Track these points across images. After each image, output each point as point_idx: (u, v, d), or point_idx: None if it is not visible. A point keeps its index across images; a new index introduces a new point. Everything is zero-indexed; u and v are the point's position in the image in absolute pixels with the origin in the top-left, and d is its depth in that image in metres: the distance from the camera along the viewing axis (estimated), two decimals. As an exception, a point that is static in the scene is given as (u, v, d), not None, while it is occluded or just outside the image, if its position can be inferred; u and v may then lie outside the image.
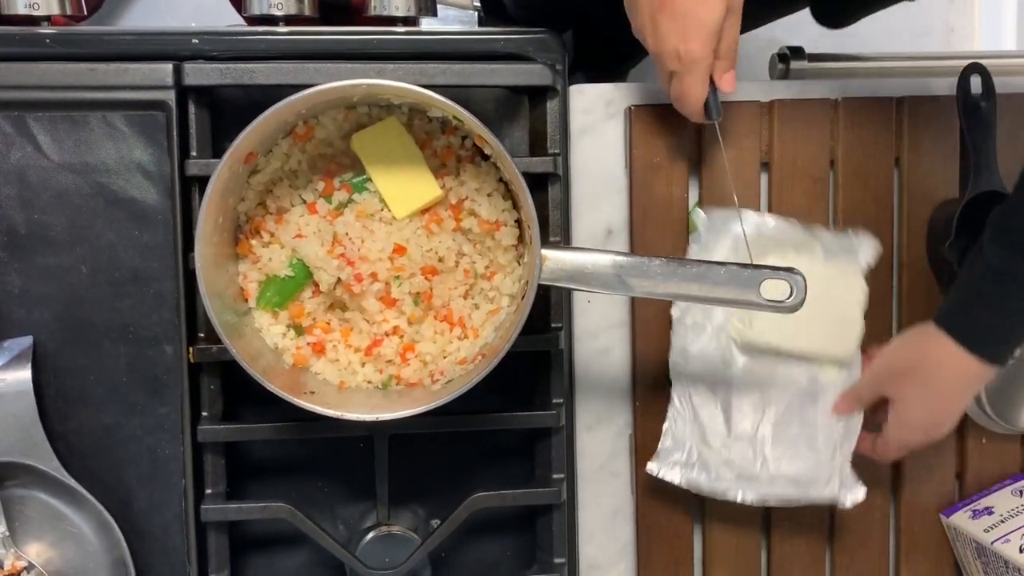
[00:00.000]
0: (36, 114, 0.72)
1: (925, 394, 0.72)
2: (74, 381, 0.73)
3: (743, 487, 0.76)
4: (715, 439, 0.77)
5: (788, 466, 0.77)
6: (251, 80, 0.71)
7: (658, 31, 0.67)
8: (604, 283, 0.65)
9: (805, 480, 0.77)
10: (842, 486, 0.77)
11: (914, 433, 0.74)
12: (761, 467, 0.77)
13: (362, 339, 0.70)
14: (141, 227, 0.73)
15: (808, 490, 0.77)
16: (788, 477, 0.77)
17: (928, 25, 1.50)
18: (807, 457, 0.77)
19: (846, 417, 0.78)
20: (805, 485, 0.77)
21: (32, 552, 0.73)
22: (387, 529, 0.76)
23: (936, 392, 0.72)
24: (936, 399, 0.73)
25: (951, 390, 0.72)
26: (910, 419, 0.74)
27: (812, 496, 0.77)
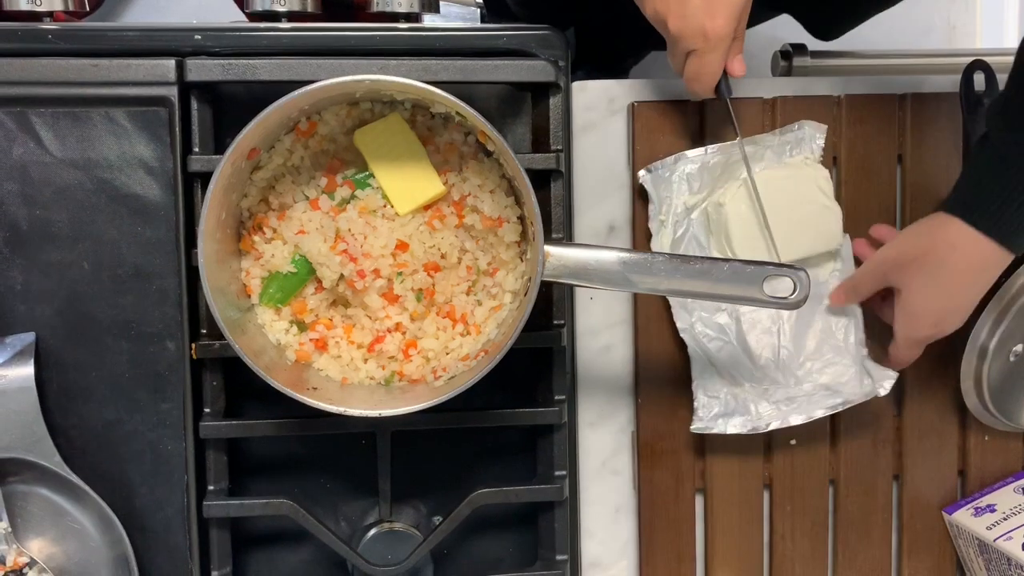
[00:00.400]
0: (38, 110, 0.72)
1: (935, 282, 0.69)
2: (76, 377, 0.73)
3: (790, 412, 0.76)
4: (743, 378, 0.77)
5: (820, 376, 0.77)
6: (254, 76, 0.71)
7: (685, 9, 0.67)
8: (607, 279, 0.65)
9: (840, 384, 0.77)
10: (874, 378, 0.77)
11: (922, 326, 0.71)
12: (796, 386, 0.77)
13: (365, 335, 0.70)
14: (143, 223, 0.73)
15: (846, 392, 0.77)
16: (824, 386, 0.77)
17: (930, 23, 1.50)
18: (834, 360, 0.77)
19: (848, 309, 0.77)
20: (841, 389, 0.77)
21: (34, 548, 0.73)
22: (389, 526, 0.76)
23: (948, 279, 0.69)
24: (947, 286, 0.69)
25: (963, 277, 0.69)
26: (918, 310, 0.71)
27: (851, 397, 0.77)
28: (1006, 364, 0.79)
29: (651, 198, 0.77)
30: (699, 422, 0.77)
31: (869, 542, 0.83)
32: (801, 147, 0.78)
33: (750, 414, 0.77)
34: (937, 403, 0.83)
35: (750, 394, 0.77)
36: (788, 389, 0.77)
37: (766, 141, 0.78)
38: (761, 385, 0.77)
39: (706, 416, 0.77)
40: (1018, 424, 0.82)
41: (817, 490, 0.83)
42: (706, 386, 0.77)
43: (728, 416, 0.77)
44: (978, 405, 0.81)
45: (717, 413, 0.77)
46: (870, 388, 0.77)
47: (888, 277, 0.73)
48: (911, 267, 0.71)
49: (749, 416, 0.77)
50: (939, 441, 0.84)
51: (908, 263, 0.71)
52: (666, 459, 0.80)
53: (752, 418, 0.77)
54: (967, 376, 0.79)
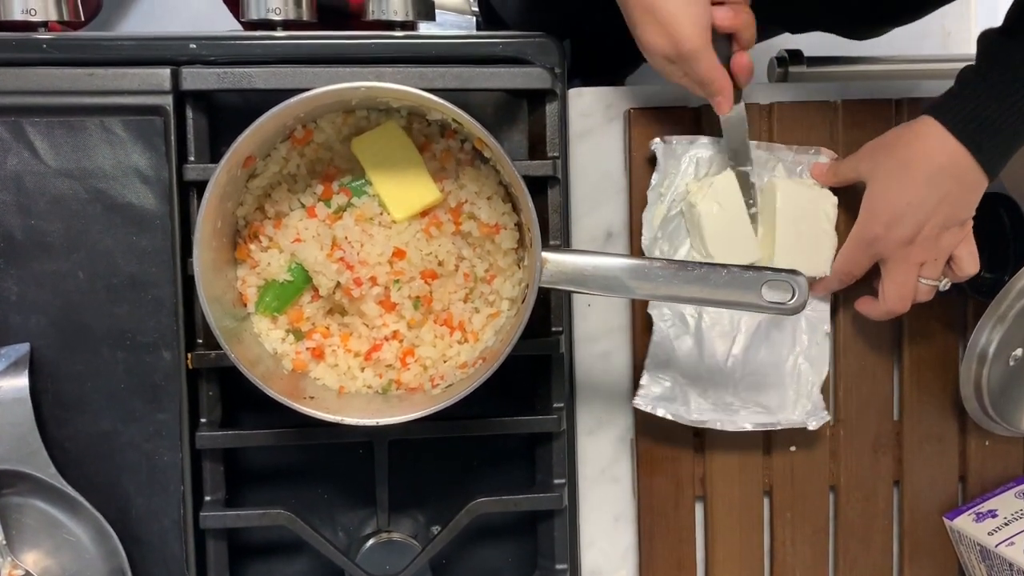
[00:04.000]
0: (33, 119, 0.72)
1: (897, 171, 0.68)
2: (71, 388, 0.73)
3: (721, 417, 0.77)
4: (691, 370, 0.77)
5: (757, 393, 0.78)
6: (249, 84, 0.71)
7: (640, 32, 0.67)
8: (605, 286, 0.65)
9: (775, 405, 0.78)
10: (811, 412, 0.78)
11: (876, 223, 0.69)
12: (734, 395, 0.78)
13: (362, 344, 0.70)
14: (139, 232, 0.73)
15: (778, 415, 0.77)
16: (759, 403, 0.78)
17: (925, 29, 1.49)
18: (775, 382, 0.78)
19: (817, 343, 0.78)
20: (775, 410, 0.77)
21: (29, 560, 0.73)
22: (387, 536, 0.76)
23: (908, 169, 0.68)
24: (906, 177, 0.68)
25: (923, 169, 0.67)
26: (876, 202, 0.69)
27: (782, 421, 0.77)
28: (1006, 369, 0.79)
29: (658, 166, 0.77)
30: (639, 399, 0.77)
31: (870, 549, 0.83)
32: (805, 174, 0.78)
33: (687, 405, 0.77)
34: (937, 408, 0.83)
35: (692, 387, 0.78)
36: (726, 394, 0.78)
37: (780, 153, 0.78)
38: (703, 382, 0.78)
39: (647, 395, 0.77)
40: (1018, 429, 0.82)
41: (817, 496, 0.82)
42: (656, 369, 0.77)
43: (667, 401, 0.77)
44: (978, 410, 0.81)
45: (657, 396, 0.77)
46: (800, 420, 0.78)
47: (860, 166, 0.71)
48: (879, 153, 0.70)
49: (685, 407, 0.77)
50: (939, 447, 0.83)
51: (878, 148, 0.71)
52: (666, 466, 0.80)
53: (685, 409, 0.77)
54: (967, 381, 0.79)
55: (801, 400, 0.78)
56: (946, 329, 0.83)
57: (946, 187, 0.68)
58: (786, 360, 0.78)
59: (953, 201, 0.68)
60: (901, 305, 0.73)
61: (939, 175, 0.67)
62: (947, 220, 0.70)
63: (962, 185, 0.68)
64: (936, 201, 0.68)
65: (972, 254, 0.73)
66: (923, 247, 0.70)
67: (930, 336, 0.82)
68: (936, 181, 0.67)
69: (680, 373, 0.77)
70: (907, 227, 0.69)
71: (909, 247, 0.70)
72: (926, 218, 0.68)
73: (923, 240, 0.70)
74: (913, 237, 0.69)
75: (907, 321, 0.82)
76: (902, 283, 0.72)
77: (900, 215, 0.69)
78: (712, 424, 0.77)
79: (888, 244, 0.70)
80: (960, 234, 0.71)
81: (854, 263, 0.74)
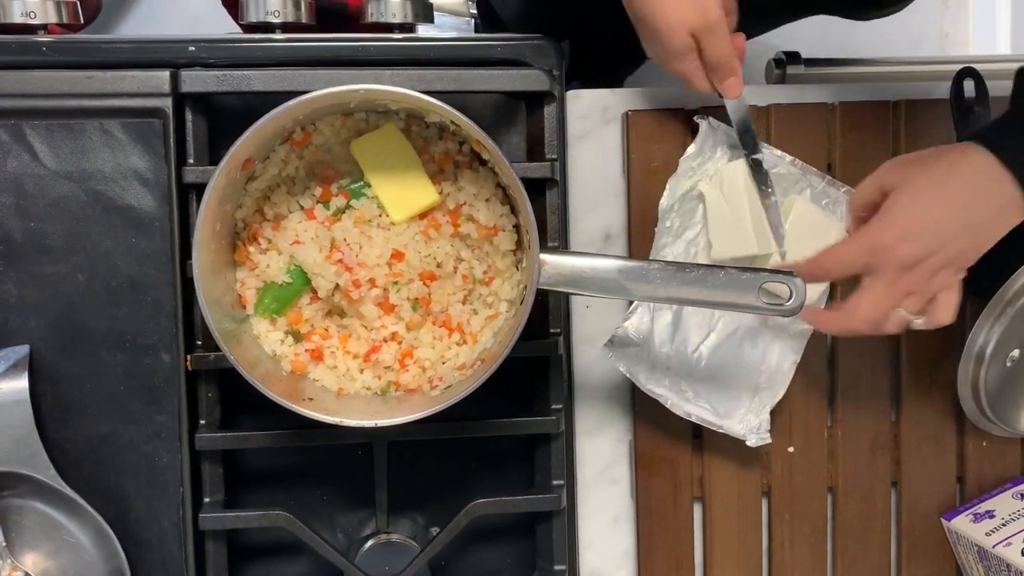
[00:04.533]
0: (33, 122, 0.72)
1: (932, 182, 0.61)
2: (71, 390, 0.73)
3: (673, 397, 0.77)
4: (661, 344, 0.77)
5: (711, 391, 0.78)
6: (248, 87, 0.71)
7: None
8: (603, 287, 0.65)
9: (723, 410, 0.78)
10: (753, 429, 0.77)
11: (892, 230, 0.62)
12: (688, 384, 0.78)
13: (360, 345, 0.70)
14: (138, 235, 0.73)
15: (724, 420, 0.77)
16: (710, 401, 0.78)
17: (923, 31, 1.51)
18: (729, 390, 0.78)
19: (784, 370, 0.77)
20: (722, 415, 0.78)
21: (29, 562, 0.73)
22: (386, 537, 0.76)
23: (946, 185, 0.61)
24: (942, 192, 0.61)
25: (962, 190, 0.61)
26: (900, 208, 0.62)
27: (726, 427, 0.77)
28: (1003, 369, 0.79)
29: (697, 140, 0.76)
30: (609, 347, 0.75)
31: (868, 549, 0.83)
32: (837, 209, 0.78)
33: (647, 373, 0.76)
34: (935, 409, 0.83)
35: (658, 359, 0.77)
36: (682, 380, 0.77)
37: (812, 179, 0.78)
38: (667, 360, 0.77)
39: (618, 346, 0.75)
40: (1016, 429, 0.82)
41: (816, 497, 0.82)
42: (635, 327, 0.76)
43: (631, 360, 0.76)
44: (975, 411, 0.81)
45: (625, 351, 0.76)
46: (741, 432, 0.77)
47: (885, 178, 0.65)
48: (912, 166, 0.64)
49: (645, 374, 0.76)
50: (937, 448, 0.84)
51: (910, 162, 0.65)
52: (664, 467, 0.80)
53: (644, 376, 0.76)
54: (964, 382, 0.79)
55: (749, 416, 0.78)
56: (943, 330, 0.82)
57: (979, 215, 0.62)
58: (749, 374, 0.78)
59: (977, 233, 0.63)
60: (868, 327, 0.66)
61: (977, 201, 0.62)
62: (957, 256, 0.64)
63: (995, 220, 0.63)
64: (962, 227, 0.62)
65: (953, 304, 0.67)
66: (918, 277, 0.64)
67: (928, 337, 0.82)
68: (972, 207, 0.62)
69: (652, 342, 0.77)
70: (920, 246, 0.63)
71: (906, 271, 0.64)
72: (943, 244, 0.63)
73: (922, 270, 0.64)
74: (919, 261, 0.63)
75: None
76: (880, 305, 0.65)
77: (920, 230, 0.63)
78: (660, 399, 0.76)
79: (889, 259, 0.63)
80: (953, 279, 0.66)
81: (840, 264, 0.67)
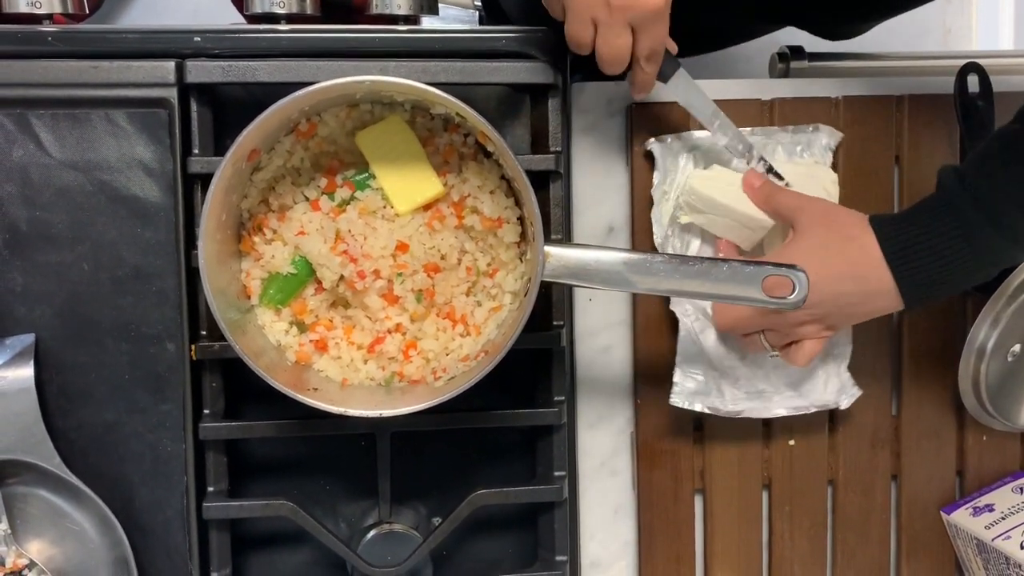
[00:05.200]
0: (38, 112, 0.72)
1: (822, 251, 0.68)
2: (76, 378, 0.73)
3: (756, 405, 0.78)
4: (720, 362, 0.78)
5: (788, 376, 0.79)
6: (253, 78, 0.71)
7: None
8: (606, 280, 0.65)
9: (806, 388, 0.79)
10: (842, 390, 0.79)
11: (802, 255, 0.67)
12: (765, 382, 0.79)
13: (365, 336, 0.70)
14: (143, 224, 0.73)
15: (810, 397, 0.78)
16: (791, 387, 0.79)
17: (926, 25, 1.50)
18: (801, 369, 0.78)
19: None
20: (807, 393, 0.79)
21: (34, 550, 0.73)
22: (389, 527, 0.76)
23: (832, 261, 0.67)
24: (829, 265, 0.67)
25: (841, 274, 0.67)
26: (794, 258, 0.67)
27: (815, 402, 0.78)
28: (1004, 364, 0.79)
29: (657, 166, 0.77)
30: (676, 397, 0.78)
31: (868, 542, 0.84)
32: (812, 149, 0.78)
33: (721, 396, 0.78)
34: (935, 404, 0.84)
35: (725, 379, 0.78)
36: (757, 382, 0.79)
37: (777, 136, 0.78)
38: (735, 372, 0.78)
39: (682, 392, 0.78)
40: (1016, 424, 0.82)
41: (816, 490, 0.83)
42: (687, 365, 0.78)
43: (702, 395, 0.78)
44: (976, 405, 0.81)
45: (692, 391, 0.78)
46: (832, 399, 0.79)
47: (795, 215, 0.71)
48: (817, 219, 0.69)
49: (720, 399, 0.78)
50: (937, 441, 0.84)
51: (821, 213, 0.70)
52: (665, 459, 0.81)
53: (721, 401, 0.78)
54: (965, 377, 0.79)
55: (831, 380, 0.79)
56: (945, 325, 0.83)
57: (850, 294, 0.68)
58: None
59: (846, 311, 0.69)
60: (720, 326, 0.75)
61: (855, 281, 0.68)
62: (827, 317, 0.69)
63: (866, 301, 0.68)
64: (832, 299, 0.68)
65: (811, 355, 0.72)
66: (788, 321, 0.70)
67: (929, 332, 0.83)
68: (849, 285, 0.68)
69: (710, 366, 0.78)
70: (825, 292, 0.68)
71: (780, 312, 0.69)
72: (824, 306, 0.68)
73: (794, 317, 0.69)
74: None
75: (906, 316, 0.82)
76: (742, 323, 0.72)
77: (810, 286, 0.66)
78: (748, 413, 0.78)
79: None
80: (818, 335, 0.71)
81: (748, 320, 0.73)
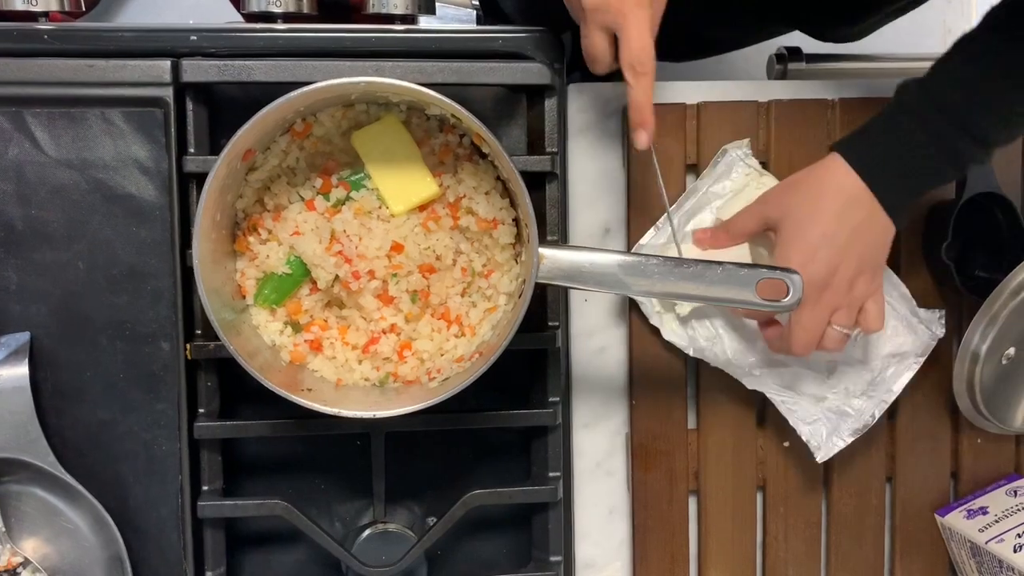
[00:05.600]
0: (34, 110, 0.72)
1: (809, 203, 0.68)
2: (71, 377, 0.73)
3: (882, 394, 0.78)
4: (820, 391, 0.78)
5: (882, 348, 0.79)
6: (249, 77, 0.71)
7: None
8: (601, 282, 0.65)
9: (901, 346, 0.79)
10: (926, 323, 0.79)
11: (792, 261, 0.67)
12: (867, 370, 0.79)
13: (359, 336, 0.70)
14: (138, 223, 0.73)
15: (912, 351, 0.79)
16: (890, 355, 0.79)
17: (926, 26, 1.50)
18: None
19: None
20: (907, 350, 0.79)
21: (28, 548, 0.73)
22: (383, 527, 0.76)
23: (819, 200, 0.67)
24: (818, 208, 0.67)
25: (833, 201, 0.67)
26: (791, 236, 0.67)
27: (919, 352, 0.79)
28: (998, 367, 0.79)
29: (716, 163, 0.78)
30: (818, 452, 0.78)
31: (862, 544, 0.84)
32: (736, 167, 0.78)
33: (852, 415, 0.78)
34: (930, 406, 0.84)
35: (839, 399, 0.78)
36: (862, 375, 0.78)
37: (701, 186, 0.78)
38: (840, 386, 0.78)
39: (820, 443, 0.78)
40: (1010, 427, 0.82)
41: (810, 492, 0.83)
42: (802, 418, 0.78)
43: (838, 430, 0.78)
44: (970, 408, 0.81)
45: (827, 433, 0.78)
46: (928, 335, 0.79)
47: (767, 212, 0.70)
48: (788, 193, 0.70)
49: (852, 417, 0.78)
50: (932, 444, 0.84)
51: (787, 188, 0.70)
52: (660, 460, 0.81)
53: (855, 417, 0.78)
54: (959, 379, 0.79)
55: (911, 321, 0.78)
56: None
57: (856, 218, 0.68)
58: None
59: (864, 237, 0.68)
60: (806, 350, 0.70)
61: (848, 207, 0.67)
62: (860, 262, 0.68)
63: (871, 222, 0.68)
64: (848, 233, 0.67)
65: (880, 311, 0.71)
66: (837, 292, 0.68)
67: (924, 334, 0.83)
68: (846, 213, 0.67)
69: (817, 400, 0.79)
70: (822, 263, 0.67)
71: (823, 291, 0.68)
72: (840, 256, 0.67)
73: (838, 284, 0.68)
74: (828, 278, 0.68)
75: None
76: (811, 328, 0.69)
77: (815, 248, 0.67)
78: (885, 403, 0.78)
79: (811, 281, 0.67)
80: (872, 285, 0.70)
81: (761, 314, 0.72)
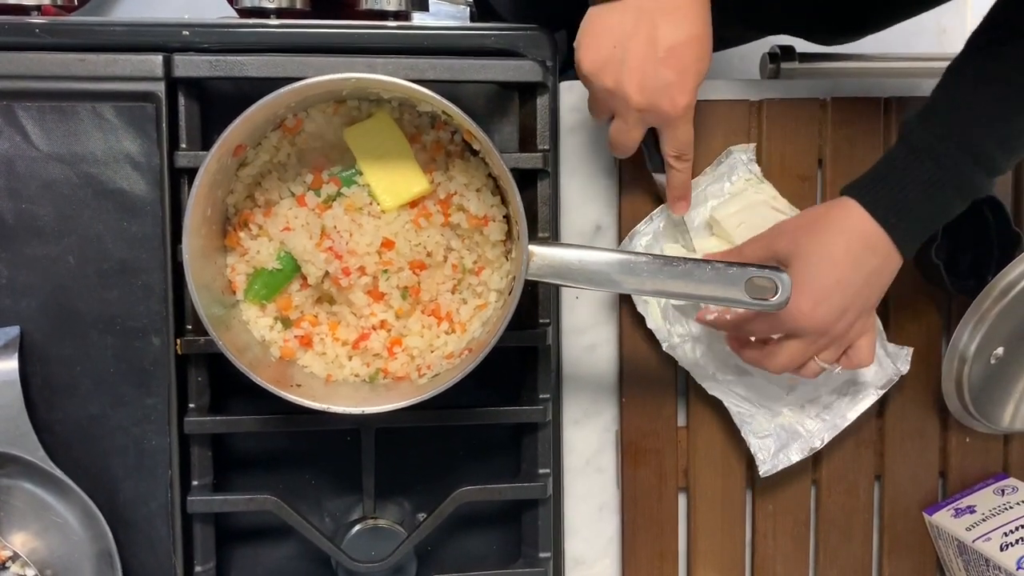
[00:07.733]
0: (25, 104, 0.72)
1: (822, 247, 0.67)
2: (61, 371, 0.73)
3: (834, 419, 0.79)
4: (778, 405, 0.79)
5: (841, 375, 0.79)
6: (241, 72, 0.71)
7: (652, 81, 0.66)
8: (590, 279, 0.66)
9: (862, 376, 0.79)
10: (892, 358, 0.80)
11: (804, 299, 0.66)
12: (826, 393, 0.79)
13: (349, 332, 0.70)
14: (129, 218, 0.73)
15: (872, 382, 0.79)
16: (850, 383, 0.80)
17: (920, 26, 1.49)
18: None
19: None
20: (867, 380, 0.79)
21: (17, 542, 0.73)
22: (373, 522, 0.76)
23: (834, 246, 0.67)
24: (832, 254, 0.67)
25: (848, 247, 0.67)
26: (802, 278, 0.66)
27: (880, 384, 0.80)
28: (986, 367, 0.79)
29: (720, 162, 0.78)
30: (763, 465, 0.79)
31: (850, 542, 0.84)
32: (737, 170, 0.78)
33: (802, 436, 0.79)
34: (919, 405, 0.84)
35: (793, 417, 0.79)
36: (820, 398, 0.79)
37: (701, 183, 0.78)
38: (797, 404, 0.79)
39: (767, 457, 0.79)
40: (998, 426, 0.83)
41: (799, 490, 0.83)
42: (753, 430, 0.79)
43: (786, 447, 0.79)
44: (959, 407, 0.82)
45: (775, 450, 0.79)
46: (892, 370, 0.79)
47: (778, 244, 0.70)
48: (800, 233, 0.69)
49: (803, 438, 0.79)
50: (920, 443, 0.84)
51: (798, 229, 0.70)
52: (650, 458, 0.81)
53: (806, 439, 0.79)
54: (948, 379, 0.79)
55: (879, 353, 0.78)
56: (928, 327, 0.84)
57: (871, 264, 0.68)
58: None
59: (875, 282, 0.69)
60: (779, 371, 0.71)
61: (864, 253, 0.67)
62: (865, 305, 0.69)
63: (884, 265, 0.68)
64: (862, 280, 0.68)
65: (871, 348, 0.72)
66: (835, 333, 0.69)
67: (913, 334, 0.83)
68: (862, 259, 0.67)
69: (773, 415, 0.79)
70: (833, 307, 0.67)
71: (824, 333, 0.68)
72: (851, 301, 0.68)
73: (841, 327, 0.68)
74: (835, 320, 0.68)
75: (890, 319, 0.83)
76: (797, 359, 0.70)
77: (828, 294, 0.67)
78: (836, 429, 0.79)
79: (807, 325, 0.68)
80: (868, 322, 0.71)
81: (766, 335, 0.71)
